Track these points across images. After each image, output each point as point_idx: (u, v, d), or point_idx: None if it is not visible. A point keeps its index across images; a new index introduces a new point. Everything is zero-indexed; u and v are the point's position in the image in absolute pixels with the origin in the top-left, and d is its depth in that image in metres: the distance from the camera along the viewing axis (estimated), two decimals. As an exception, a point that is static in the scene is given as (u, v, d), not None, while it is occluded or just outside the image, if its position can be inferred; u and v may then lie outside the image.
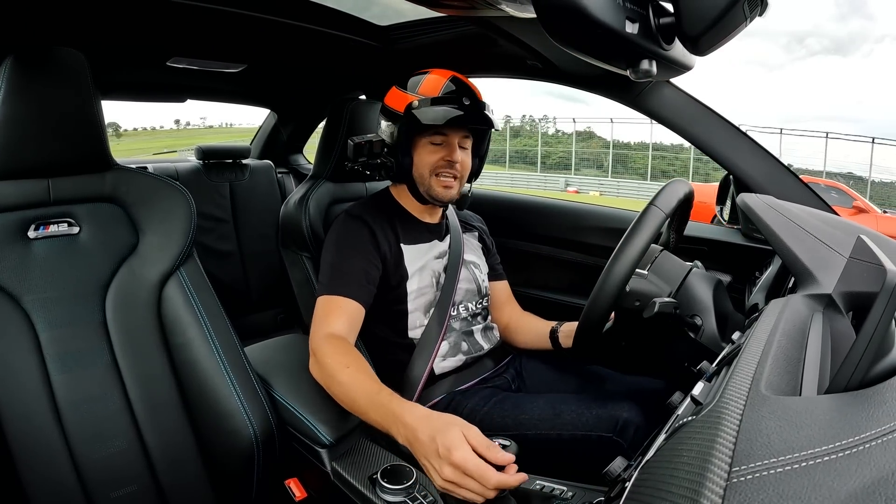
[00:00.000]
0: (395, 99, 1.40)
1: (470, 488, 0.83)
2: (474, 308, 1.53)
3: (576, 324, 1.48)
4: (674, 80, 1.49)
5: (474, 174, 1.52)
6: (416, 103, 1.34)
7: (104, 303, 1.11)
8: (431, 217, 1.53)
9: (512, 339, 1.66)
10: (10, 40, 1.44)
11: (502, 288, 1.71)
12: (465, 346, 1.45)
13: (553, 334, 1.53)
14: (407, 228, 1.46)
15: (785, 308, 0.80)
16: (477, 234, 1.70)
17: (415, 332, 1.41)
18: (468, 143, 1.44)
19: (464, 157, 1.42)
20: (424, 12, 1.53)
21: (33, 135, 1.02)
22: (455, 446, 0.85)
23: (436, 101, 1.34)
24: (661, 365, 1.53)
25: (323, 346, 1.17)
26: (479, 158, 1.52)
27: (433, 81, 1.38)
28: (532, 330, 1.62)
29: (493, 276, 1.68)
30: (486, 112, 1.37)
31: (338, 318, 1.24)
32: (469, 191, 1.54)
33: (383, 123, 1.43)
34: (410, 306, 1.41)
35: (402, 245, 1.42)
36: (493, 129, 1.44)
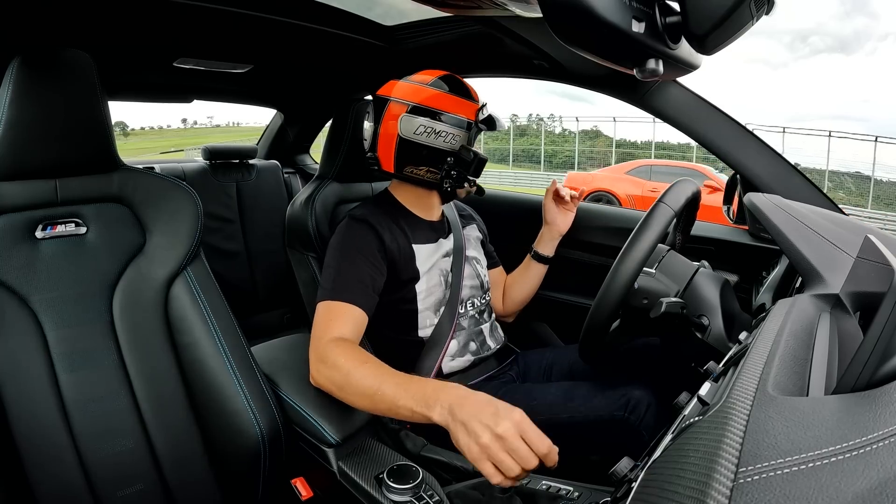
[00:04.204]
0: (462, 107, 1.39)
1: (517, 450, 0.81)
2: (480, 304, 1.54)
3: (545, 231, 1.69)
4: (680, 79, 1.48)
5: None
6: (485, 111, 1.39)
7: (111, 302, 1.12)
8: (433, 215, 1.54)
9: (514, 298, 1.74)
10: (17, 41, 1.45)
11: (499, 272, 1.78)
12: (473, 346, 1.46)
13: (535, 256, 1.71)
14: (414, 229, 1.46)
15: (792, 308, 0.80)
16: (475, 225, 1.72)
17: (424, 331, 1.42)
18: None
19: None
20: (429, 12, 1.53)
21: (40, 135, 1.03)
22: (515, 409, 0.85)
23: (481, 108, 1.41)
24: (667, 365, 1.53)
25: (332, 349, 1.13)
26: None
27: (472, 87, 1.44)
28: (521, 275, 1.74)
29: (490, 265, 1.73)
30: None
31: (342, 324, 1.22)
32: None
33: (450, 131, 1.38)
34: (420, 306, 1.41)
35: (413, 245, 1.42)
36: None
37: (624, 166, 12.20)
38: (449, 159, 1.38)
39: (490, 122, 1.39)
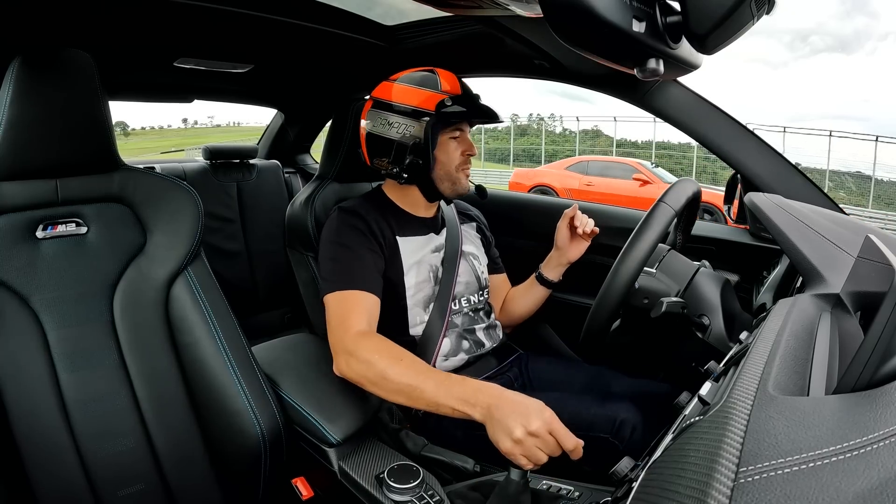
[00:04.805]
0: (417, 97, 1.37)
1: (546, 443, 0.92)
2: (476, 302, 1.52)
3: (554, 255, 1.58)
4: (680, 79, 1.48)
5: None
6: (448, 101, 1.35)
7: (112, 302, 1.12)
8: (427, 211, 1.53)
9: (514, 315, 1.68)
10: (18, 41, 1.45)
11: (502, 280, 1.74)
12: (466, 344, 1.45)
13: (539, 278, 1.61)
14: (402, 223, 1.45)
15: (793, 308, 0.80)
16: (475, 224, 1.70)
17: (416, 329, 1.40)
18: None
19: None
20: (429, 12, 1.53)
21: (41, 135, 1.03)
22: (546, 408, 0.96)
23: (462, 99, 1.37)
24: (668, 365, 1.53)
25: (361, 343, 1.15)
26: None
27: (451, 79, 1.41)
28: (522, 293, 1.67)
29: (493, 269, 1.69)
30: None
31: (361, 315, 1.23)
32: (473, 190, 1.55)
33: (402, 122, 1.37)
34: (409, 302, 1.40)
35: (397, 237, 1.41)
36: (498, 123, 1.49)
37: (564, 162, 13.47)
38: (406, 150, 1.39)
39: (464, 110, 1.36)
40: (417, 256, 1.43)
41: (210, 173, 2.68)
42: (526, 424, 0.92)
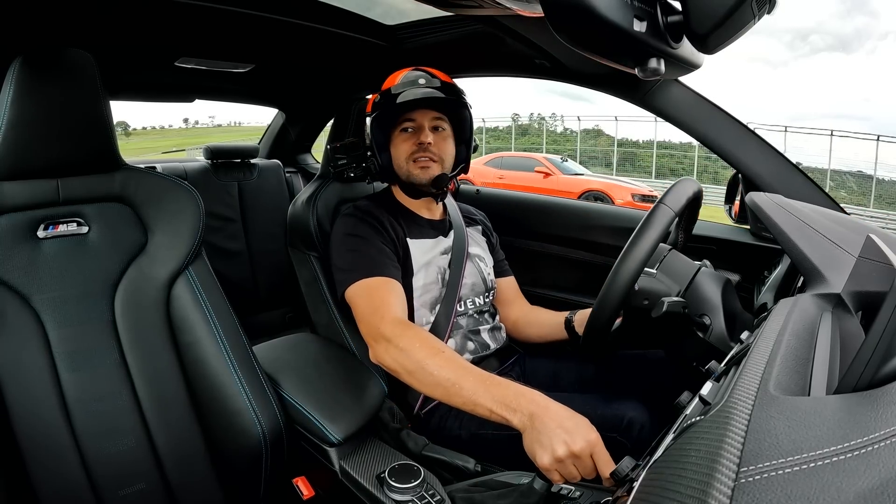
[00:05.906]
0: (370, 103, 1.45)
1: (584, 466, 0.87)
2: (481, 304, 1.52)
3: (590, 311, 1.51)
4: (681, 78, 1.48)
5: (462, 161, 1.53)
6: (379, 98, 1.40)
7: (113, 302, 1.12)
8: (432, 213, 1.54)
9: (524, 334, 1.65)
10: (19, 41, 1.45)
11: (510, 284, 1.71)
12: (471, 345, 1.45)
13: (569, 324, 1.53)
14: (411, 225, 1.46)
15: (794, 307, 0.80)
16: (480, 228, 1.70)
17: None
18: (444, 125, 1.47)
19: (438, 140, 1.44)
20: (429, 11, 1.53)
21: (42, 135, 1.03)
22: (592, 429, 0.90)
23: (395, 90, 1.39)
24: (668, 364, 1.53)
25: (400, 331, 1.14)
26: (465, 144, 1.53)
27: (394, 76, 1.45)
28: (545, 322, 1.61)
29: (499, 273, 1.68)
30: (452, 90, 1.42)
31: (394, 301, 1.24)
32: (477, 190, 1.55)
33: (366, 128, 1.47)
34: (416, 303, 1.41)
35: (408, 240, 1.43)
36: (468, 110, 1.49)
37: (483, 159, 14.64)
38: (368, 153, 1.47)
39: (386, 102, 1.41)
40: (427, 258, 1.44)
41: (211, 173, 2.68)
42: (570, 443, 0.86)
